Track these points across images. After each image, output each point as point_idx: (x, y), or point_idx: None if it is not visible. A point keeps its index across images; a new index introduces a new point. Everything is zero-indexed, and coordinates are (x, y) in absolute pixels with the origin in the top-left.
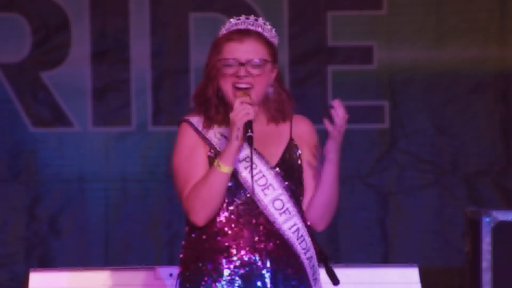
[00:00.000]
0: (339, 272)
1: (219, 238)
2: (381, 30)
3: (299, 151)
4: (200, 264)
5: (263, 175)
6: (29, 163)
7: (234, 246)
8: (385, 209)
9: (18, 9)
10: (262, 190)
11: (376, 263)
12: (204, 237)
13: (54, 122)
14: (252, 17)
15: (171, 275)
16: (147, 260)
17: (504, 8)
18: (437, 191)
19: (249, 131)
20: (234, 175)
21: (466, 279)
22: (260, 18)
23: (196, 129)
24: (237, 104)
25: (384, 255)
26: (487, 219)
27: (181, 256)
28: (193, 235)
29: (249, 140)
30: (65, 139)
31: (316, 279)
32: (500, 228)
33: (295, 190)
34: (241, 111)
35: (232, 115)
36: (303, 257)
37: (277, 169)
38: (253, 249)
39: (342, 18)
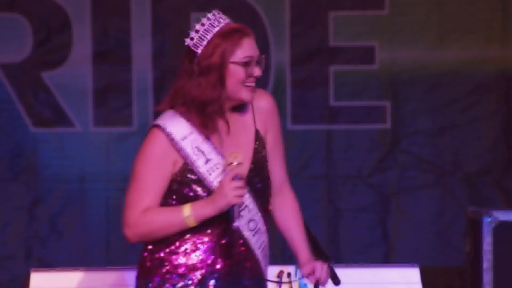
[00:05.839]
0: (340, 272)
1: (177, 257)
2: (383, 30)
3: (264, 144)
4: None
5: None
6: (29, 163)
7: (192, 266)
8: (386, 209)
9: (19, 9)
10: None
11: (377, 263)
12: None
13: (55, 122)
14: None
15: None
16: None
17: (506, 8)
18: (438, 191)
19: (236, 215)
20: (204, 185)
21: (466, 279)
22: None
23: (171, 139)
24: (227, 179)
25: (385, 255)
26: (488, 219)
27: (147, 264)
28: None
29: (234, 227)
30: (66, 139)
31: (267, 263)
32: (501, 228)
33: (261, 188)
34: (234, 192)
35: (225, 187)
36: (258, 253)
37: (248, 174)
38: (210, 269)
39: (344, 18)
